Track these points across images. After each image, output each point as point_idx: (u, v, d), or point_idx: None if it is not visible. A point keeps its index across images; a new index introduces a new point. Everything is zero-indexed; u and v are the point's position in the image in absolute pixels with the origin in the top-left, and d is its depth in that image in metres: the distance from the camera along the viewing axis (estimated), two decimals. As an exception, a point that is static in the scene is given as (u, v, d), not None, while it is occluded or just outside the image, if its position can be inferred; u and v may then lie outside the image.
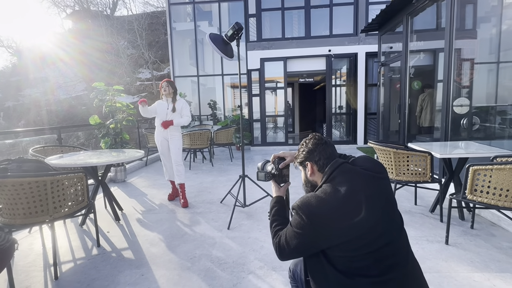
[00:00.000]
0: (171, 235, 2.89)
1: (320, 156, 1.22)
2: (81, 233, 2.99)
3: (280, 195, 1.44)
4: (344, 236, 1.04)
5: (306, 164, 1.26)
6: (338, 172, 1.14)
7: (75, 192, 2.39)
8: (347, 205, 1.05)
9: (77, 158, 3.05)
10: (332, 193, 1.08)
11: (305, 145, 1.28)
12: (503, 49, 3.81)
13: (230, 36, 3.22)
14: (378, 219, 1.06)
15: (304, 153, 1.27)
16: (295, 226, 1.11)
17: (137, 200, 4.07)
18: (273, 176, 1.49)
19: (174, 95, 3.79)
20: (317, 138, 1.28)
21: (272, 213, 1.36)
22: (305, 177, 1.30)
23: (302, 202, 1.11)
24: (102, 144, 4.79)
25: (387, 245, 1.06)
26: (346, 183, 1.09)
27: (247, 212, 3.43)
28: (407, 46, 5.03)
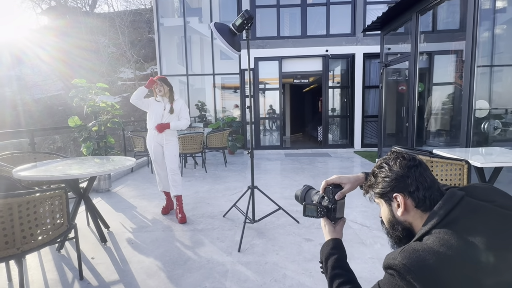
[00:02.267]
0: (172, 261, 2.40)
1: (418, 185, 0.85)
2: (59, 261, 2.44)
3: (337, 238, 1.07)
4: None
5: (393, 197, 0.88)
6: (461, 212, 0.76)
7: (52, 215, 1.87)
8: (490, 265, 0.67)
9: (54, 168, 2.50)
10: (461, 248, 0.69)
11: (388, 169, 0.89)
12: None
13: (238, 26, 2.79)
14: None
15: (388, 180, 0.88)
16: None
17: (126, 214, 3.53)
18: (327, 211, 1.09)
19: (171, 94, 3.30)
20: (407, 158, 0.89)
21: (332, 264, 0.99)
22: (391, 215, 0.91)
23: (410, 260, 0.71)
24: (83, 150, 4.20)
25: None
26: (480, 230, 0.72)
27: (257, 229, 2.99)
28: (416, 46, 4.77)
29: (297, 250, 2.54)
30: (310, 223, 3.11)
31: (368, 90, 8.02)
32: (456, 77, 5.67)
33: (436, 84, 6.08)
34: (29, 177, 2.18)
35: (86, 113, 4.37)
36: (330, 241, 1.06)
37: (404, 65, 6.03)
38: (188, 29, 8.77)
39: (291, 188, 4.52)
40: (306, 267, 2.26)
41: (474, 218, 0.75)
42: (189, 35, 9.05)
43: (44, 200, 1.78)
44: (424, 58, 5.81)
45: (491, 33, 4.17)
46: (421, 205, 0.84)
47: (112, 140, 4.53)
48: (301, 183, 4.80)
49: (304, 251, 2.52)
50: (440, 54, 6.01)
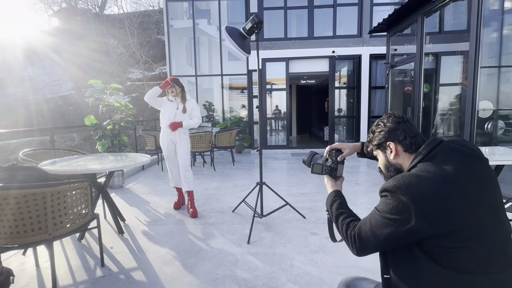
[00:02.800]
0: (185, 251, 2.55)
1: (406, 135, 1.10)
2: (81, 250, 2.62)
3: (338, 189, 1.32)
4: (453, 220, 0.86)
5: (387, 145, 1.12)
6: (440, 150, 0.98)
7: (79, 205, 2.04)
8: (458, 185, 0.90)
9: (76, 164, 2.68)
10: (437, 171, 0.92)
11: (383, 125, 1.15)
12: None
13: (248, 30, 2.93)
14: (487, 203, 0.91)
15: (383, 133, 1.13)
16: (388, 211, 0.94)
17: (140, 208, 3.71)
18: (330, 170, 1.36)
19: (183, 94, 3.46)
20: (397, 115, 1.15)
21: (335, 207, 1.22)
22: (386, 160, 1.15)
23: (398, 182, 0.93)
24: (98, 147, 4.40)
25: (496, 235, 0.90)
26: (453, 161, 0.94)
27: (265, 223, 3.12)
28: (421, 48, 4.85)
29: (304, 242, 2.67)
30: (316, 218, 3.24)
31: (374, 91, 8.09)
32: (463, 78, 5.73)
33: (443, 85, 6.13)
34: (56, 171, 2.36)
35: (101, 112, 4.56)
36: (333, 192, 1.30)
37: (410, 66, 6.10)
38: (197, 30, 8.95)
39: (298, 186, 4.65)
40: (312, 258, 2.39)
41: (448, 155, 0.96)
42: (198, 36, 9.23)
43: (72, 191, 1.95)
44: (431, 59, 5.88)
45: (499, 34, 4.24)
46: (408, 149, 1.08)
47: (125, 138, 4.72)
48: (307, 181, 4.93)
49: (310, 243, 2.65)
50: (446, 55, 6.06)
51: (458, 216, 0.86)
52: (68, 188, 1.89)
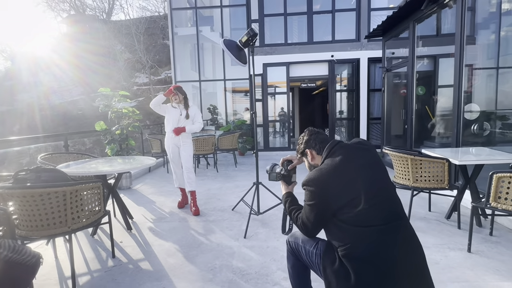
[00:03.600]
0: (187, 245, 2.82)
1: (316, 142, 1.52)
2: (94, 244, 2.90)
3: (290, 191, 1.72)
4: (348, 194, 1.26)
5: (306, 152, 1.56)
6: (336, 148, 1.40)
7: (92, 202, 2.32)
8: (347, 168, 1.32)
9: (90, 166, 2.97)
10: (332, 163, 1.34)
11: (302, 139, 1.59)
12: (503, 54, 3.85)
13: (244, 42, 3.20)
14: (373, 179, 1.31)
15: (302, 144, 1.58)
16: (308, 200, 1.35)
17: (146, 208, 3.99)
18: (283, 177, 1.77)
19: (185, 101, 3.74)
20: (310, 129, 1.59)
21: (288, 206, 1.62)
22: (308, 163, 1.58)
23: (308, 177, 1.35)
24: (108, 151, 4.71)
25: (384, 201, 1.29)
26: (343, 154, 1.36)
27: (261, 220, 3.38)
28: (413, 52, 5.06)
29: (295, 237, 2.91)
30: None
31: (373, 93, 8.29)
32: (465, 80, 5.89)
33: (441, 87, 6.31)
34: (72, 172, 2.65)
35: (110, 118, 4.87)
36: (285, 193, 1.71)
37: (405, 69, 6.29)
38: (201, 37, 9.28)
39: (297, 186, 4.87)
40: (301, 250, 2.63)
41: (344, 150, 1.38)
42: (202, 42, 9.55)
43: (87, 190, 2.23)
44: (426, 62, 6.07)
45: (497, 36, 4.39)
46: (319, 152, 1.50)
47: (133, 142, 5.02)
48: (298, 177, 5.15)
49: (301, 238, 2.89)
50: (444, 57, 6.23)
51: (347, 191, 1.28)
52: (84, 187, 2.17)
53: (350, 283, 1.23)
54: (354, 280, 1.22)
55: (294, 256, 1.59)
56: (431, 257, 2.45)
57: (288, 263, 1.65)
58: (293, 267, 1.62)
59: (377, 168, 1.37)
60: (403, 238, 1.27)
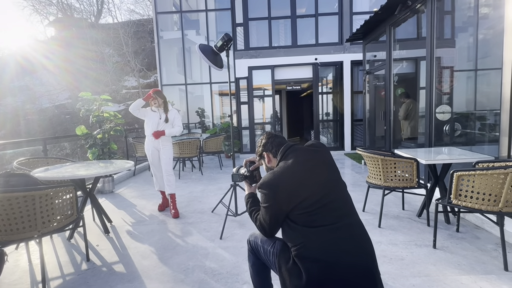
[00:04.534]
0: (163, 247, 2.85)
1: (272, 146, 1.59)
2: (69, 248, 2.91)
3: (252, 192, 1.78)
4: (299, 196, 1.32)
5: (263, 155, 1.63)
6: (289, 151, 1.48)
7: (64, 206, 2.34)
8: (297, 171, 1.37)
9: (65, 171, 2.98)
10: (284, 166, 1.41)
11: (260, 142, 1.67)
12: (480, 57, 4.01)
13: (219, 47, 3.27)
14: (323, 180, 1.38)
15: (260, 147, 1.65)
16: (263, 202, 1.41)
17: (126, 211, 4.01)
18: (245, 177, 1.82)
19: (165, 105, 3.78)
20: (268, 133, 1.67)
21: (249, 206, 1.67)
22: (265, 165, 1.66)
23: (263, 180, 1.42)
24: (89, 155, 4.70)
25: (334, 201, 1.36)
26: (295, 157, 1.43)
27: (239, 221, 3.43)
28: (390, 55, 5.21)
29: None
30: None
31: (356, 95, 8.45)
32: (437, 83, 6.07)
33: (423, 88, 6.48)
34: (45, 177, 2.66)
35: (91, 122, 4.87)
36: (248, 194, 1.76)
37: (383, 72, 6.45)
38: (186, 41, 9.32)
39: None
40: (274, 250, 2.69)
41: (296, 153, 1.45)
42: (188, 46, 9.59)
43: (59, 194, 2.25)
44: (405, 65, 6.23)
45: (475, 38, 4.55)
46: (275, 155, 1.57)
47: (114, 146, 5.02)
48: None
49: (276, 238, 2.95)
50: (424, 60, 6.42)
51: (298, 193, 1.33)
52: (55, 191, 2.19)
53: (302, 281, 1.30)
54: (306, 279, 1.29)
55: (254, 255, 1.66)
56: (397, 254, 2.54)
57: (249, 262, 1.71)
58: (253, 265, 1.69)
59: (328, 168, 1.45)
60: (351, 235, 1.34)
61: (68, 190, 2.33)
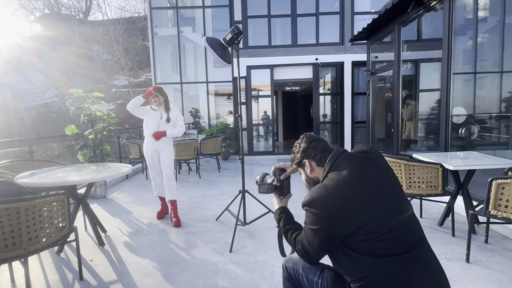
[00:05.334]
0: (167, 262, 2.54)
1: (316, 152, 1.28)
2: (59, 263, 2.57)
3: (283, 206, 1.47)
4: (361, 217, 1.04)
5: (304, 162, 1.32)
6: (341, 159, 1.18)
7: (55, 218, 2.01)
8: (357, 186, 1.09)
9: (54, 175, 2.64)
10: (338, 178, 1.11)
11: (298, 146, 1.35)
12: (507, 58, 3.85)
13: (228, 40, 2.98)
14: (388, 196, 1.10)
15: (299, 153, 1.33)
16: (311, 223, 1.12)
17: (122, 219, 3.66)
18: (275, 188, 1.52)
19: (166, 103, 3.46)
20: (308, 136, 1.35)
21: (282, 224, 1.37)
22: (306, 176, 1.34)
23: (311, 196, 1.12)
24: (80, 157, 4.33)
25: (404, 222, 1.08)
26: (350, 167, 1.13)
27: (248, 231, 3.14)
28: (399, 55, 5.02)
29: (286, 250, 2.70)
30: (299, 225, 3.27)
31: (357, 97, 8.28)
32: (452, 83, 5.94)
33: (422, 91, 6.35)
34: (32, 183, 2.32)
35: (82, 121, 4.50)
36: (279, 209, 1.45)
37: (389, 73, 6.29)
38: (182, 38, 8.97)
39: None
40: (293, 265, 2.42)
41: (349, 162, 1.16)
42: (183, 44, 9.25)
43: (48, 204, 1.92)
44: (409, 66, 6.08)
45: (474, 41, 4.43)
46: (320, 163, 1.27)
47: (108, 147, 4.67)
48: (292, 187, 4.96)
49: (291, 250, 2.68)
50: (425, 62, 6.29)
51: (359, 214, 1.05)
52: (44, 201, 1.86)
53: None
54: None
55: (293, 284, 1.38)
56: (430, 269, 2.30)
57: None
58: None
59: (390, 181, 1.16)
60: (428, 267, 1.07)
61: (59, 198, 2.00)
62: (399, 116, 5.11)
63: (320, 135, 8.60)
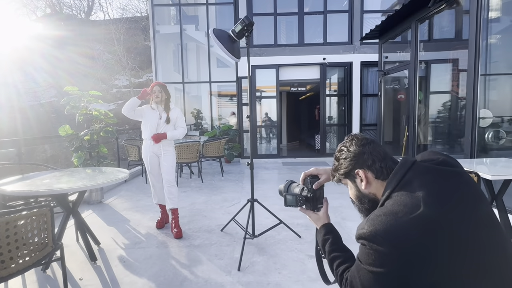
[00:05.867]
0: (167, 282, 2.23)
1: (374, 159, 0.95)
2: (43, 282, 2.26)
3: (327, 222, 1.14)
4: (450, 260, 0.73)
5: (355, 173, 0.97)
6: (413, 174, 0.86)
7: (36, 235, 1.71)
8: (441, 214, 0.76)
9: (41, 182, 2.33)
10: (414, 204, 0.78)
11: (346, 150, 1.00)
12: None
13: (238, 33, 2.68)
14: (483, 228, 0.78)
15: (348, 160, 0.98)
16: (371, 264, 0.79)
17: (118, 228, 3.35)
18: (307, 200, 1.17)
19: (167, 103, 3.16)
20: (359, 137, 1.00)
21: (328, 250, 1.06)
22: (357, 191, 1.00)
23: (373, 226, 0.78)
24: (74, 160, 4.03)
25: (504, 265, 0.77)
26: (428, 187, 0.81)
27: (257, 245, 2.83)
28: (416, 55, 4.72)
29: (301, 268, 2.39)
30: (312, 238, 2.96)
31: (365, 98, 7.97)
32: (454, 86, 5.65)
33: (433, 93, 6.06)
34: (13, 192, 2.02)
35: (78, 121, 4.20)
36: (322, 228, 1.12)
37: (402, 73, 6.00)
38: (185, 36, 8.69)
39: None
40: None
41: (423, 179, 0.83)
42: (185, 42, 8.97)
43: (26, 220, 1.62)
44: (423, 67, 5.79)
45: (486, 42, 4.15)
46: (379, 175, 0.93)
47: (105, 149, 4.36)
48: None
49: (308, 269, 2.37)
50: (436, 63, 6.00)
51: (445, 252, 0.73)
52: (21, 217, 1.56)
53: None
54: None
55: None
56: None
57: None
58: None
59: (483, 209, 0.82)
60: None
61: (41, 212, 1.70)
62: (415, 118, 4.80)
63: (328, 138, 8.30)
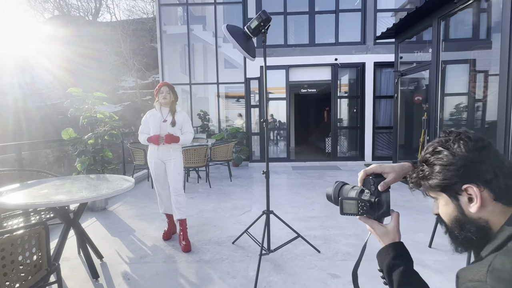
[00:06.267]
0: (175, 306, 2.00)
1: (497, 172, 0.64)
2: (40, 304, 2.04)
3: (398, 241, 0.83)
4: None
5: (463, 190, 0.66)
6: None
7: (28, 257, 1.49)
8: None
9: (38, 193, 2.13)
10: None
11: (449, 153, 0.68)
12: None
13: (254, 29, 2.49)
14: None
15: (453, 168, 0.66)
16: None
17: (122, 239, 3.14)
18: (370, 207, 0.86)
19: (173, 105, 2.95)
20: (474, 138, 0.67)
21: (397, 281, 0.76)
22: (460, 213, 0.69)
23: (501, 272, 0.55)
24: (77, 165, 3.83)
25: None
26: None
27: (273, 261, 2.59)
28: (438, 54, 4.45)
29: None
30: (333, 253, 2.71)
31: (379, 100, 7.68)
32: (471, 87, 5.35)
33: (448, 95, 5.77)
34: (3, 204, 1.81)
35: (82, 124, 4.01)
36: (390, 247, 0.82)
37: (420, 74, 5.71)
38: (192, 37, 8.51)
39: (304, 207, 4.13)
40: (338, 316, 1.86)
41: None
42: (193, 43, 8.79)
43: (16, 241, 1.40)
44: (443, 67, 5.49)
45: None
46: (502, 196, 0.64)
47: (109, 154, 4.17)
48: (314, 201, 4.41)
49: (332, 292, 2.12)
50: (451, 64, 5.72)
51: None
52: (10, 238, 1.34)
53: None
54: None
55: None
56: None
57: None
58: None
59: None
60: None
61: (34, 231, 1.48)
62: (436, 122, 4.52)
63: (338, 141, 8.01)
